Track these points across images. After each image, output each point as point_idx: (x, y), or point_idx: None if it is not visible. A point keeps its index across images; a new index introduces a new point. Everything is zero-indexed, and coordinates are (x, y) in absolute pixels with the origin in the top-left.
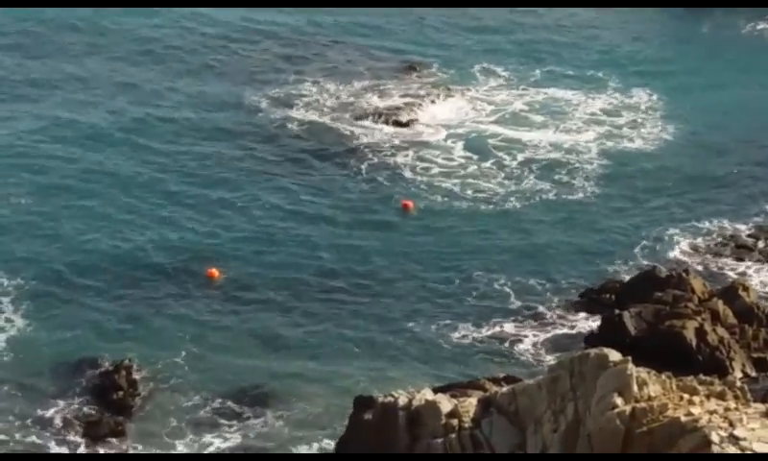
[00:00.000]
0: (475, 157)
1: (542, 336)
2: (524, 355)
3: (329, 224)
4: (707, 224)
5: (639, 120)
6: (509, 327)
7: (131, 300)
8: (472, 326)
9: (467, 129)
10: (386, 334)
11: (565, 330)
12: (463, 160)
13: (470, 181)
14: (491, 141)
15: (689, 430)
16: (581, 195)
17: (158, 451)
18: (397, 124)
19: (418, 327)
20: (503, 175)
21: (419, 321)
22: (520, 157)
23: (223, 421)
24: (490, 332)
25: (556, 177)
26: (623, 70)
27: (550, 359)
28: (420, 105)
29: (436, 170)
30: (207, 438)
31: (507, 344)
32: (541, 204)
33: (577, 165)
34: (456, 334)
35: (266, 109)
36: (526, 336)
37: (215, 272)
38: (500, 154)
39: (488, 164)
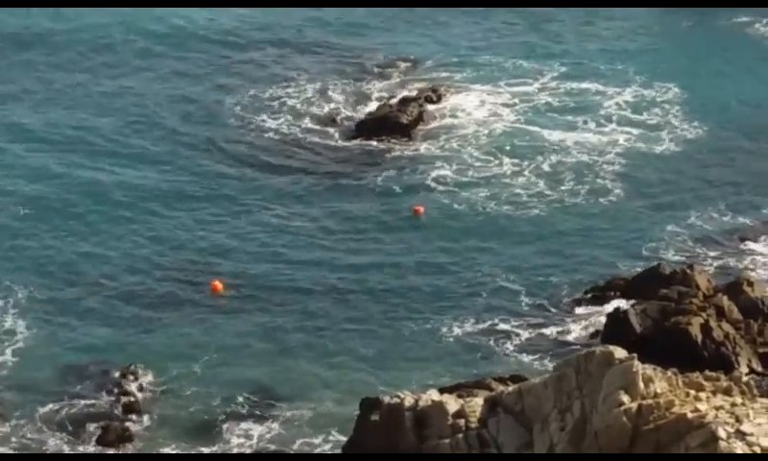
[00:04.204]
0: (487, 156)
1: (548, 334)
2: (529, 354)
3: (335, 228)
4: (713, 219)
5: (658, 118)
6: (515, 326)
7: (138, 307)
8: (478, 325)
9: (479, 127)
10: (392, 336)
11: (571, 328)
12: (474, 160)
13: (480, 180)
14: (503, 139)
15: (696, 426)
16: (591, 193)
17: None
18: (403, 125)
19: (424, 329)
20: (511, 173)
21: (425, 322)
22: (529, 154)
23: (229, 425)
24: (495, 331)
25: (570, 176)
26: (643, 66)
27: (555, 358)
28: (422, 104)
29: (446, 173)
30: (214, 442)
31: (512, 342)
32: (551, 202)
33: (590, 163)
34: (461, 333)
35: (262, 113)
36: (532, 334)
37: (218, 285)
38: (509, 152)
39: (497, 163)
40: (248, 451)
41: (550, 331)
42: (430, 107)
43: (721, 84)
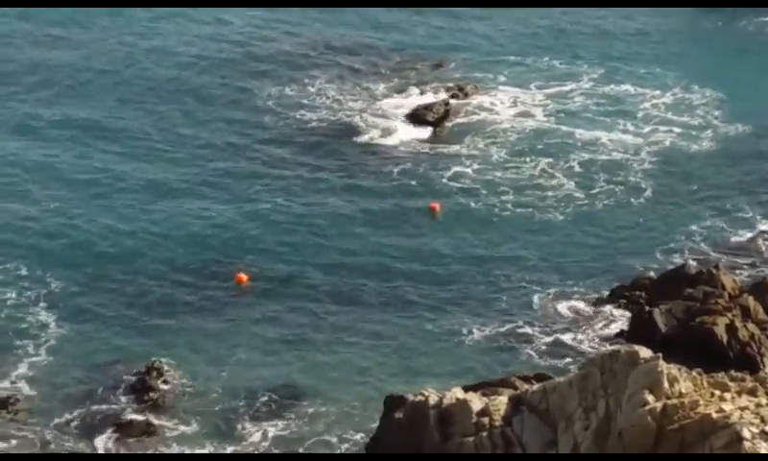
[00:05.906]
0: (516, 155)
1: (572, 334)
2: (554, 353)
3: (357, 226)
4: (741, 221)
5: (697, 119)
6: (539, 325)
7: (162, 304)
8: (502, 324)
9: (509, 125)
10: (415, 334)
11: (596, 327)
12: (502, 159)
13: (507, 180)
14: (533, 138)
15: (721, 427)
16: (622, 194)
17: (188, 451)
18: (428, 123)
19: (447, 327)
20: (537, 173)
21: (448, 320)
22: (561, 154)
23: (253, 421)
24: (519, 330)
25: (601, 176)
26: (676, 69)
27: (580, 357)
28: (445, 104)
29: (466, 171)
30: (237, 438)
31: (537, 341)
32: (580, 201)
33: (622, 163)
34: (485, 333)
35: (288, 109)
36: (556, 333)
37: (243, 277)
38: (540, 151)
39: (527, 162)
40: (269, 448)
41: (575, 330)
42: (458, 105)
43: (755, 86)
